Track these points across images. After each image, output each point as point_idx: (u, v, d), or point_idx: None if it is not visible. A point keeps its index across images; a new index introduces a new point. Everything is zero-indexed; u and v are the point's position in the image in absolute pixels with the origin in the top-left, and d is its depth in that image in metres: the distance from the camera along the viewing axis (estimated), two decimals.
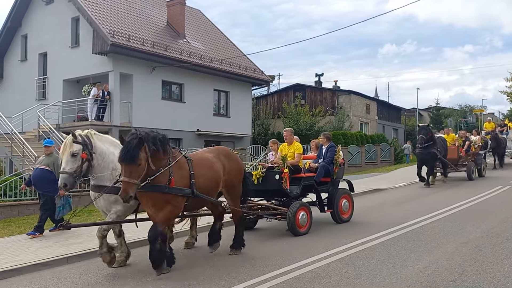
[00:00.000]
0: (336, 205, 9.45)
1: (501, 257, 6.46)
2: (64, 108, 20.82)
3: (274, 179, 8.63)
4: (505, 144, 22.72)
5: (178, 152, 6.55)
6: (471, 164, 17.65)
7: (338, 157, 9.55)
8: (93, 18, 19.70)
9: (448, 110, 60.63)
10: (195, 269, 6.52)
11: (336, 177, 9.66)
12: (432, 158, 15.56)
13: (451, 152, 16.81)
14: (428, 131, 15.45)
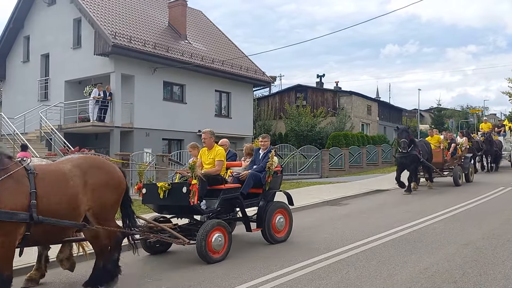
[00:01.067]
0: (268, 222, 7.85)
1: (502, 259, 6.46)
2: (66, 109, 20.87)
3: (181, 192, 7.00)
4: (500, 146, 21.75)
5: (14, 163, 4.94)
6: (458, 168, 16.30)
7: (271, 164, 7.96)
8: (95, 20, 19.75)
9: (450, 111, 60.61)
10: (195, 270, 6.53)
11: (269, 188, 8.10)
12: (413, 162, 14.44)
13: (435, 156, 15.69)
14: (409, 134, 14.55)
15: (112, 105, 19.91)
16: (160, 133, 21.49)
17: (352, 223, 9.79)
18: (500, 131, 23.66)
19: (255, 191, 8.01)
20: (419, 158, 14.45)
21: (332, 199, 13.48)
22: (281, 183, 8.85)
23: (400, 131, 14.73)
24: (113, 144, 19.50)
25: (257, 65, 27.87)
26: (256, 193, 8.03)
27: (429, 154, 15.28)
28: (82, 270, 6.34)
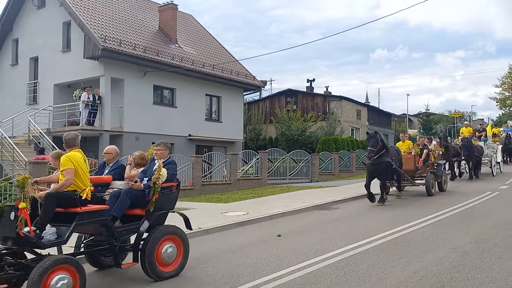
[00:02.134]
0: (149, 253, 6.07)
1: (490, 263, 6.52)
2: (55, 113, 20.72)
3: (8, 219, 5.24)
4: (481, 151, 20.39)
5: None
6: (430, 176, 15.07)
7: (157, 178, 6.24)
8: (84, 23, 19.66)
9: (438, 116, 61.20)
10: (187, 274, 6.50)
11: (156, 208, 6.36)
12: (386, 169, 13.13)
13: (406, 163, 14.39)
14: (378, 141, 12.85)
15: (101, 109, 19.80)
16: (150, 137, 21.29)
17: (341, 227, 9.82)
18: (481, 136, 22.41)
19: (137, 213, 6.38)
20: (392, 165, 13.22)
21: (322, 204, 13.52)
22: (176, 201, 6.92)
23: (368, 138, 13.05)
24: (102, 148, 19.25)
25: (247, 69, 27.95)
26: (137, 216, 6.36)
27: (400, 161, 14.05)
28: None
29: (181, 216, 6.96)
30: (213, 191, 17.78)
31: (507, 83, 52.71)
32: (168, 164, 6.56)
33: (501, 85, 53.25)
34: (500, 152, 22.93)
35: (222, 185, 18.43)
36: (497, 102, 54.53)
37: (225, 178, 18.97)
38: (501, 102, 53.91)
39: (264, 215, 11.46)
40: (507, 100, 53.39)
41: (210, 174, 18.63)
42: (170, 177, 6.46)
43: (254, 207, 12.97)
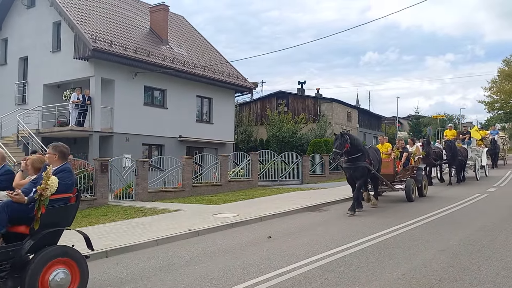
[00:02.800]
0: (31, 281, 4.91)
1: (478, 265, 6.58)
2: (44, 113, 20.55)
3: None
4: (465, 155, 19.63)
5: None
6: (410, 181, 14.22)
7: (44, 188, 5.12)
8: (74, 23, 19.53)
9: (427, 119, 61.64)
10: (174, 276, 6.48)
11: (43, 225, 5.21)
12: (364, 174, 12.16)
13: (385, 166, 13.52)
14: (344, 142, 11.54)
15: (91, 110, 19.67)
16: (141, 138, 21.30)
17: (331, 229, 9.85)
18: (465, 139, 21.41)
19: (18, 231, 5.23)
20: (370, 170, 12.23)
21: (313, 205, 13.54)
22: (75, 215, 5.85)
23: (334, 139, 11.94)
24: (92, 149, 19.25)
25: (239, 71, 27.98)
26: (19, 235, 5.24)
27: (379, 164, 13.15)
28: None
29: (80, 234, 5.93)
30: (204, 192, 17.75)
31: (495, 86, 53.29)
32: (60, 172, 5.44)
33: (490, 88, 53.85)
34: (485, 155, 22.46)
35: (212, 187, 18.40)
36: (485, 105, 55.11)
37: (216, 180, 18.94)
38: (490, 105, 54.47)
39: (255, 216, 11.46)
40: (495, 104, 53.96)
41: (201, 175, 18.59)
42: (62, 187, 5.33)
43: (244, 208, 12.96)
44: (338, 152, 11.49)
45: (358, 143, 12.10)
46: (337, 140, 11.59)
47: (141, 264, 7.28)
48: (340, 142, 11.50)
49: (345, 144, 11.51)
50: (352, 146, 11.72)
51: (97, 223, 11.08)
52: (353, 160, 11.89)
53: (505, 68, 52.27)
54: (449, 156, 18.49)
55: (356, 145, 11.91)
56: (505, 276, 6.00)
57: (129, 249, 8.26)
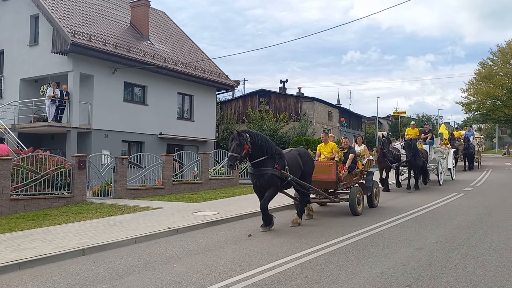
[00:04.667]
0: None
1: (455, 263, 6.68)
2: (21, 108, 20.10)
3: None
4: (425, 156, 17.73)
5: None
6: (356, 189, 11.69)
7: None
8: (53, 17, 19.14)
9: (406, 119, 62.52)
10: (153, 275, 6.39)
11: None
12: (272, 182, 9.48)
13: (325, 171, 11.17)
14: (242, 144, 9.14)
15: (69, 105, 19.31)
16: (120, 135, 21.02)
17: (312, 228, 9.87)
18: (426, 138, 19.26)
19: None
20: (283, 177, 9.64)
21: (293, 204, 13.53)
22: None
23: (230, 139, 9.41)
24: (70, 145, 18.90)
25: (221, 69, 27.90)
26: None
27: (308, 167, 10.57)
28: None
29: None
30: (184, 190, 17.61)
31: (472, 88, 54.35)
32: None
33: (467, 90, 54.88)
34: (452, 157, 20.91)
35: (193, 185, 18.28)
36: (462, 106, 56.16)
37: (197, 178, 18.82)
38: (467, 106, 55.52)
39: (235, 215, 11.42)
40: (472, 105, 55.02)
41: (181, 173, 18.44)
42: None
43: (225, 207, 12.90)
44: (236, 157, 9.10)
45: (263, 144, 9.58)
46: (234, 141, 9.19)
47: (118, 263, 7.17)
48: (237, 144, 9.14)
49: (243, 145, 9.19)
50: (255, 147, 9.41)
51: (74, 220, 10.88)
52: (258, 165, 9.56)
53: (482, 70, 53.33)
54: (409, 157, 16.23)
55: (260, 146, 9.49)
56: (481, 274, 6.09)
57: (107, 247, 8.13)
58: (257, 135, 9.66)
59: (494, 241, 8.09)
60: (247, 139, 9.33)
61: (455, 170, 21.36)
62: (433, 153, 18.86)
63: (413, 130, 19.61)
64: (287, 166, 9.83)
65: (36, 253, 7.43)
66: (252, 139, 9.42)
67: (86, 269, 6.80)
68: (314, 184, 10.92)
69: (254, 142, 9.44)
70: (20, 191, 12.55)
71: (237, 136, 9.28)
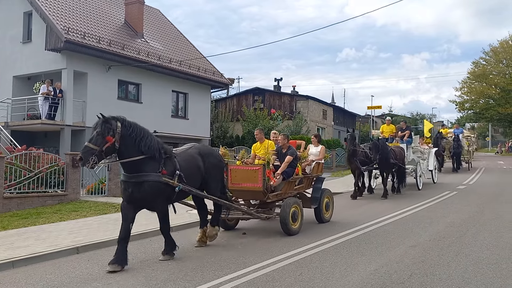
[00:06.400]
0: None
1: (447, 260, 6.73)
2: (14, 106, 19.96)
3: None
4: (401, 156, 15.45)
5: None
6: (291, 201, 8.90)
7: None
8: (46, 14, 19.01)
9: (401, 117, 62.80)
10: (148, 272, 6.40)
11: None
12: (156, 193, 6.89)
13: (250, 179, 8.64)
14: (105, 132, 6.52)
15: (63, 103, 19.21)
16: None
17: (305, 225, 9.89)
18: (403, 136, 16.95)
19: None
20: (169, 189, 7.01)
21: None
22: None
23: (93, 127, 6.72)
24: (64, 143, 18.81)
25: (216, 66, 27.87)
26: None
27: (206, 174, 7.83)
28: None
29: None
30: None
31: (466, 87, 54.66)
32: None
33: (461, 88, 55.20)
34: (433, 157, 18.91)
35: None
36: (456, 105, 56.50)
37: None
38: (460, 105, 55.87)
39: None
40: (465, 104, 55.36)
41: None
42: None
43: None
44: (92, 150, 6.39)
45: (141, 138, 6.88)
46: (96, 129, 6.57)
47: None
48: (99, 132, 6.50)
49: (106, 135, 6.51)
50: (126, 141, 6.72)
51: (68, 218, 10.85)
52: (132, 168, 6.80)
53: (475, 69, 53.65)
54: (376, 159, 14.24)
55: (135, 140, 6.81)
56: (473, 271, 6.15)
57: (101, 245, 8.12)
58: (133, 125, 6.89)
59: (486, 239, 8.18)
60: (116, 129, 6.62)
61: (437, 173, 19.60)
62: (411, 153, 16.86)
63: (388, 127, 17.78)
64: (178, 171, 7.12)
65: (29, 251, 7.41)
66: (124, 130, 6.73)
67: (80, 267, 6.79)
68: (238, 194, 9.10)
69: (126, 134, 6.73)
70: (14, 189, 12.49)
71: (101, 123, 6.56)
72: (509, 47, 50.92)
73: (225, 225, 9.30)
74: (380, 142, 14.70)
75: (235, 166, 9.02)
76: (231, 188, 8.93)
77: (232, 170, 8.86)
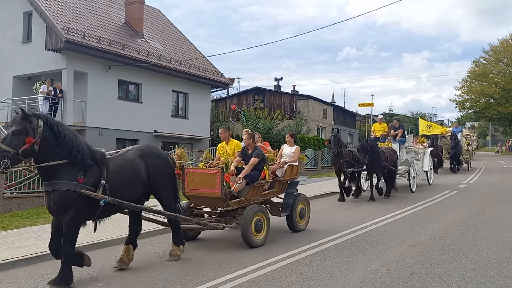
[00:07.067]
0: None
1: (448, 259, 6.74)
2: (14, 106, 19.90)
3: None
4: (393, 157, 14.54)
5: None
6: (252, 210, 7.73)
7: None
8: (46, 14, 19.03)
9: (401, 117, 62.87)
10: (148, 272, 6.40)
11: None
12: (68, 206, 5.70)
13: (207, 183, 7.69)
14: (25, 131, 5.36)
15: (63, 103, 19.22)
16: (114, 132, 20.95)
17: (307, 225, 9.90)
18: (396, 135, 16.05)
19: None
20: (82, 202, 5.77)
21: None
22: None
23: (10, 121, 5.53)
24: None
25: (216, 66, 27.90)
26: None
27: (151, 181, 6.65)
28: None
29: None
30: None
31: (466, 86, 54.67)
32: None
33: (461, 88, 55.20)
34: (428, 157, 18.17)
35: None
36: (456, 104, 56.51)
37: None
38: (460, 104, 55.87)
39: None
40: (466, 103, 55.37)
41: None
42: None
43: None
44: (5, 153, 5.27)
45: (66, 140, 5.70)
46: (12, 127, 5.50)
47: (114, 261, 7.14)
48: (17, 131, 5.40)
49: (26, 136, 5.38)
50: (48, 143, 5.58)
51: None
52: (46, 175, 5.71)
53: (475, 68, 53.64)
54: (366, 160, 13.38)
55: (58, 142, 5.66)
56: (474, 270, 6.16)
57: (102, 245, 8.13)
58: (57, 125, 5.72)
59: (486, 238, 8.18)
60: (36, 128, 5.47)
61: (432, 174, 18.73)
62: (404, 154, 15.99)
63: (380, 125, 16.72)
64: (104, 180, 5.88)
65: (30, 251, 7.41)
66: (47, 130, 5.57)
67: (81, 268, 6.78)
68: (196, 200, 8.22)
69: (49, 135, 5.58)
70: (14, 189, 12.48)
71: (19, 120, 5.44)
72: (509, 46, 50.94)
73: (184, 236, 7.86)
74: (369, 143, 13.65)
75: (192, 169, 8.08)
76: (187, 194, 8.04)
77: (189, 174, 7.88)
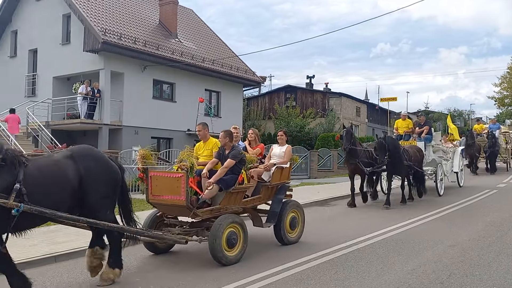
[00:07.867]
0: None
1: (488, 260, 6.54)
2: (54, 106, 20.65)
3: None
4: (418, 158, 13.28)
5: None
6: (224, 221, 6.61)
7: None
8: (84, 16, 19.58)
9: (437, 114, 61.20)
10: (178, 273, 6.42)
11: None
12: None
13: (171, 189, 6.67)
14: None
15: (100, 103, 19.75)
16: (149, 131, 21.36)
17: (340, 224, 9.84)
18: (421, 133, 14.67)
19: None
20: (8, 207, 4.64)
21: (321, 200, 13.52)
22: None
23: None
24: (102, 141, 19.34)
25: (248, 65, 27.96)
26: None
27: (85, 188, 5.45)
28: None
29: None
30: None
31: (505, 82, 52.74)
32: None
33: (500, 84, 53.30)
34: (459, 157, 16.58)
35: None
36: (495, 101, 54.61)
37: None
38: (500, 101, 53.97)
39: None
40: (505, 99, 53.44)
41: None
42: None
43: None
44: None
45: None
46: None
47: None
48: None
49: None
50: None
51: None
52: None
53: None
54: (383, 161, 12.04)
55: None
56: None
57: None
58: None
59: None
60: None
61: (463, 175, 17.20)
62: (431, 153, 14.56)
63: (404, 122, 15.36)
64: (19, 184, 4.78)
65: (71, 246, 7.66)
66: None
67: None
68: (162, 209, 7.29)
69: None
70: None
71: None
72: None
73: (154, 249, 7.27)
74: (388, 140, 12.28)
75: (156, 173, 6.99)
76: (152, 201, 7.07)
77: (153, 178, 6.88)
